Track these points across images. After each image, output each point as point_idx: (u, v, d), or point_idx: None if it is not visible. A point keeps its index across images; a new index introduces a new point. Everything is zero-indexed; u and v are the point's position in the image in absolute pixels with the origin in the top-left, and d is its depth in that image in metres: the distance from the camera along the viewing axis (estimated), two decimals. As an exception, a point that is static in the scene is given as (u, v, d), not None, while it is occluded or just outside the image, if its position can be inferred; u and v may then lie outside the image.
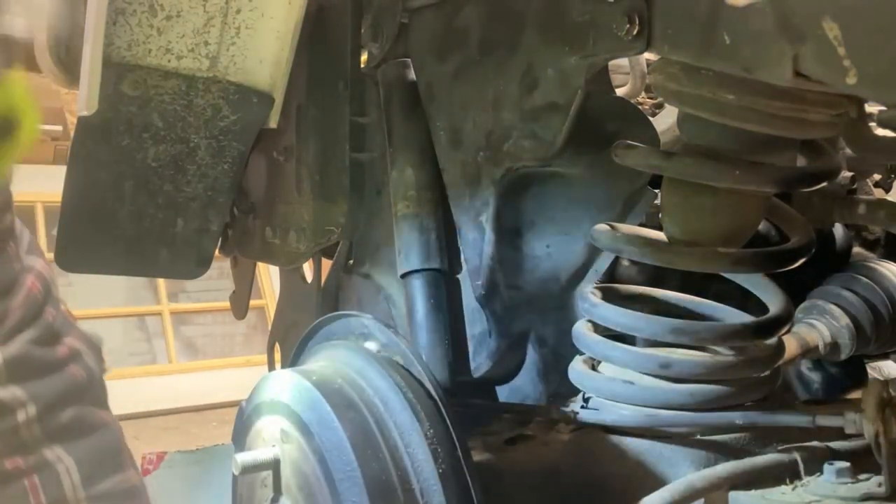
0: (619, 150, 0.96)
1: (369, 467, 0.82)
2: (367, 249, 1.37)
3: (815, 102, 0.81)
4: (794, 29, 0.70)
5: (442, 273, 1.20)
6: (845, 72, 0.66)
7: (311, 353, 0.99)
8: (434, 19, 1.17)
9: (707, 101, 0.84)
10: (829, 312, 1.16)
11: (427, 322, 1.18)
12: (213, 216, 1.39)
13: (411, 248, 1.20)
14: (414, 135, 1.22)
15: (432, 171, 1.21)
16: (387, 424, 0.85)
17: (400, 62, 1.25)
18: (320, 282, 1.48)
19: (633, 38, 0.87)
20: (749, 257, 0.97)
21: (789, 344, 1.09)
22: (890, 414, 0.80)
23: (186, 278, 1.44)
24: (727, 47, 0.76)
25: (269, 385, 0.94)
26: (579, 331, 1.02)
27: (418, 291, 1.19)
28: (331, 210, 1.33)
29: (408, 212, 1.21)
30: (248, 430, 0.95)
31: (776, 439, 0.94)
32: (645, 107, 1.48)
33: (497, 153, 1.09)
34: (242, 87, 1.27)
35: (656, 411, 0.96)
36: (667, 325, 0.96)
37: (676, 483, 0.86)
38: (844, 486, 0.83)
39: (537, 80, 1.02)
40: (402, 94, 1.24)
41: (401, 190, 1.22)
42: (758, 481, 0.89)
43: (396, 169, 1.23)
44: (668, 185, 0.97)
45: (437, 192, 1.21)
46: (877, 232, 1.37)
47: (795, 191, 1.20)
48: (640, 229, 1.04)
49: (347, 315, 0.98)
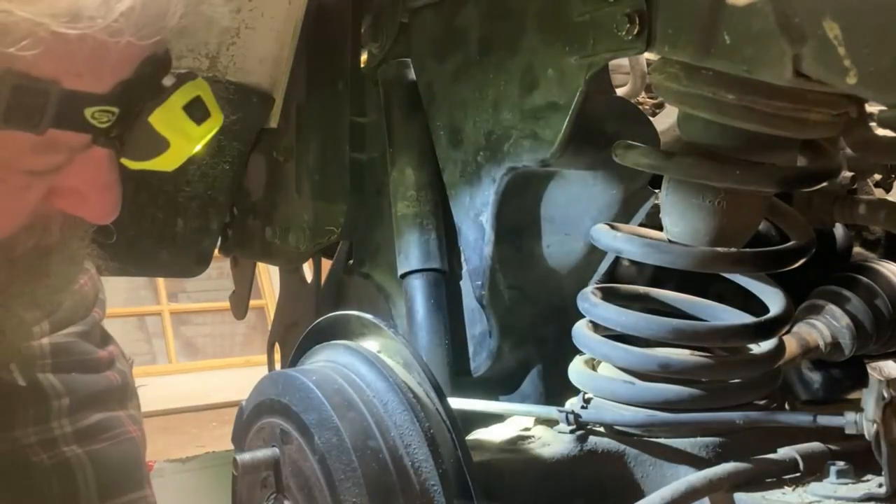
0: (619, 150, 0.96)
1: (369, 467, 0.82)
2: (367, 249, 1.37)
3: (816, 102, 0.81)
4: (795, 29, 0.70)
5: (442, 273, 1.20)
6: (845, 72, 0.66)
7: (311, 353, 0.99)
8: (434, 19, 1.17)
9: (707, 101, 0.84)
10: (830, 312, 1.16)
11: (427, 322, 1.18)
12: (213, 216, 1.39)
13: (411, 248, 1.20)
14: (414, 135, 1.22)
15: (432, 171, 1.21)
16: (387, 424, 0.84)
17: (400, 62, 1.25)
18: (320, 282, 1.48)
19: (633, 38, 0.87)
20: (749, 257, 0.97)
21: (790, 344, 1.08)
22: (890, 414, 0.80)
23: (185, 276, 1.44)
24: (727, 47, 0.76)
25: (269, 385, 0.94)
26: (579, 331, 1.02)
27: (418, 291, 1.19)
28: (331, 210, 1.33)
29: (408, 212, 1.21)
30: (248, 430, 0.95)
31: (776, 439, 0.94)
32: (645, 107, 1.47)
33: (497, 153, 1.09)
34: (242, 87, 1.27)
35: (656, 411, 0.96)
36: (667, 325, 0.96)
37: (676, 483, 0.85)
38: (845, 487, 0.83)
39: (537, 80, 1.02)
40: (402, 94, 1.24)
41: (401, 190, 1.22)
42: (758, 481, 0.89)
43: (396, 169, 1.23)
44: (668, 185, 0.97)
45: (437, 192, 1.21)
46: (877, 232, 1.37)
47: (795, 191, 1.20)
48: (640, 229, 1.04)
49: (347, 315, 0.98)
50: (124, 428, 1.19)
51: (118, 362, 1.22)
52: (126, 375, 1.23)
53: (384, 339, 0.93)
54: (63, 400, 1.12)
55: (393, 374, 0.88)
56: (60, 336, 1.13)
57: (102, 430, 1.17)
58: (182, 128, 0.82)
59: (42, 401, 1.12)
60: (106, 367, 1.19)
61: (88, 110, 0.76)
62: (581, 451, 0.95)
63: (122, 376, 1.23)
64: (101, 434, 1.17)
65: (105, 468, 1.14)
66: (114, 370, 1.21)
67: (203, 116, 0.83)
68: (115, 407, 1.19)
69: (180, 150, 0.84)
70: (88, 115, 0.76)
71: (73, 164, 0.82)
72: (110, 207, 0.85)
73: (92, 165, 0.82)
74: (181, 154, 0.85)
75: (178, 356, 5.50)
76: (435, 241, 1.20)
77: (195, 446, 3.67)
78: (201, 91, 0.83)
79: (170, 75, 0.81)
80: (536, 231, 1.14)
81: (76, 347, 1.15)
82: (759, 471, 0.89)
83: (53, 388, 1.13)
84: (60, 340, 1.13)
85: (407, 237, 1.20)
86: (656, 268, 1.05)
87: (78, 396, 1.14)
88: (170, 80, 0.81)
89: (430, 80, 1.18)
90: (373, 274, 1.36)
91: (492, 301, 1.15)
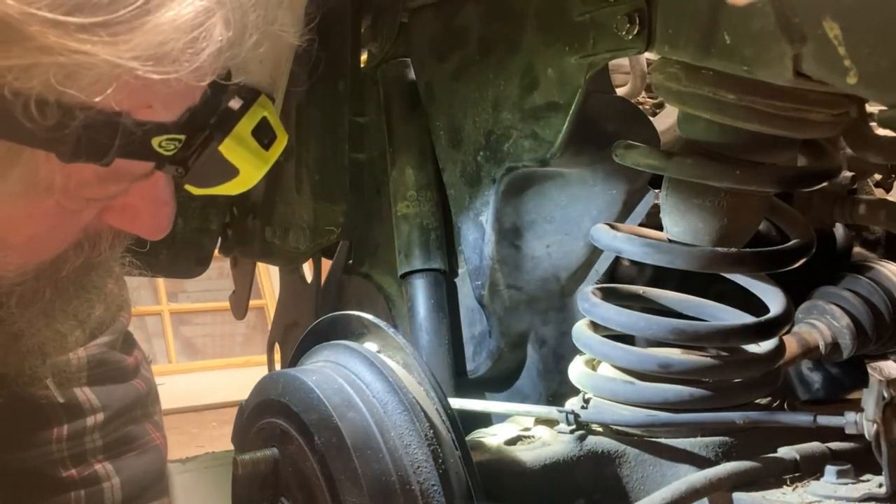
0: (619, 150, 0.96)
1: (369, 467, 0.82)
2: (367, 249, 1.37)
3: (816, 102, 0.81)
4: (795, 29, 0.70)
5: (442, 273, 1.20)
6: (845, 72, 0.66)
7: (311, 353, 0.99)
8: (434, 19, 1.17)
9: (707, 101, 0.84)
10: (830, 312, 1.16)
11: (427, 322, 1.18)
12: (212, 216, 1.39)
13: (411, 248, 1.20)
14: (414, 135, 1.22)
15: (432, 171, 1.21)
16: (387, 425, 0.84)
17: (400, 62, 1.25)
18: (320, 282, 1.48)
19: (633, 38, 0.87)
20: (749, 257, 0.97)
21: (790, 344, 1.09)
22: (890, 414, 0.80)
23: (185, 277, 1.44)
24: (727, 47, 0.76)
25: (269, 385, 0.94)
26: (579, 331, 1.02)
27: (418, 291, 1.19)
28: (331, 210, 1.33)
29: (408, 212, 1.21)
30: (248, 430, 0.95)
31: (776, 439, 0.94)
32: (645, 107, 1.47)
33: (497, 153, 1.09)
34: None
35: (656, 411, 0.96)
36: (667, 325, 0.96)
37: (676, 483, 0.85)
38: (845, 487, 0.83)
39: (537, 80, 1.02)
40: (402, 94, 1.24)
41: (401, 190, 1.22)
42: (758, 481, 0.89)
43: (396, 169, 1.23)
44: (668, 185, 0.97)
45: (437, 192, 1.21)
46: (877, 232, 1.37)
47: (796, 191, 1.20)
48: (640, 229, 1.04)
49: (347, 315, 0.98)
50: (149, 436, 1.20)
51: (142, 368, 1.23)
52: (150, 382, 1.24)
53: (384, 339, 0.93)
54: (98, 415, 1.13)
55: (393, 374, 0.88)
56: (95, 347, 1.13)
57: (129, 441, 1.17)
58: (252, 155, 0.80)
59: (78, 416, 1.13)
60: (133, 376, 1.20)
61: (156, 139, 0.73)
62: (581, 451, 0.95)
63: (147, 383, 1.23)
64: (128, 444, 1.17)
65: (131, 479, 1.15)
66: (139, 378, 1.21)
67: (270, 139, 0.81)
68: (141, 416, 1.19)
69: (250, 177, 0.81)
70: (155, 145, 0.73)
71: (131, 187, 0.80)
72: (164, 224, 0.83)
73: (150, 185, 0.80)
74: (250, 181, 0.82)
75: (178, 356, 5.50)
76: (435, 241, 1.20)
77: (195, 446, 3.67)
78: (266, 111, 0.80)
79: (236, 97, 0.78)
80: (536, 231, 1.14)
81: (109, 358, 1.16)
82: (759, 471, 0.89)
83: (90, 402, 1.13)
84: (95, 352, 1.14)
85: (407, 237, 1.20)
86: (656, 268, 1.05)
87: (111, 411, 1.15)
88: (236, 102, 0.78)
89: (429, 79, 1.18)
90: (372, 274, 1.36)
91: (492, 301, 1.15)
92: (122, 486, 1.14)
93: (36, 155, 0.70)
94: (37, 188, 0.73)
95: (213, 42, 0.68)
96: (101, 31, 0.63)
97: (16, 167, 0.70)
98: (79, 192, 0.76)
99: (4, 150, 0.68)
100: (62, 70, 0.63)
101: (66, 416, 1.10)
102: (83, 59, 0.63)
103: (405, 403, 0.86)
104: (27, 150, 0.69)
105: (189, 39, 0.67)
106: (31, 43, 0.62)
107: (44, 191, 0.73)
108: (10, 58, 0.62)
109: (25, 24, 0.61)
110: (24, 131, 0.66)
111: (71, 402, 1.09)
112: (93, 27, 0.63)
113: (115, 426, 1.15)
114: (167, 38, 0.66)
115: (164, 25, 0.65)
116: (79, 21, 0.62)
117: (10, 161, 0.69)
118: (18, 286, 0.80)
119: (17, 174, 0.71)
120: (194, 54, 0.67)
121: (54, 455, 1.09)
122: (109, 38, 0.63)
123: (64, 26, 0.62)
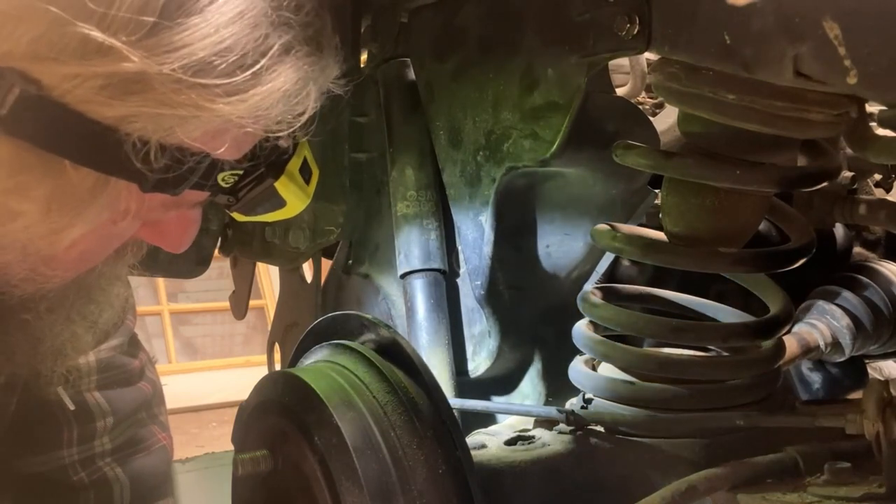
0: (619, 150, 0.96)
1: (369, 467, 0.82)
2: (367, 249, 1.37)
3: (816, 102, 0.81)
4: (795, 29, 0.69)
5: (442, 273, 1.20)
6: (846, 72, 0.66)
7: (311, 353, 0.99)
8: (434, 19, 1.17)
9: (707, 101, 0.84)
10: (830, 312, 1.16)
11: (427, 322, 1.18)
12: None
13: (411, 248, 1.20)
14: (414, 135, 1.22)
15: (432, 171, 1.21)
16: (386, 424, 0.84)
17: (400, 62, 1.25)
18: (320, 282, 1.48)
19: (633, 38, 0.87)
20: (749, 257, 0.97)
21: (790, 344, 1.09)
22: (890, 414, 0.80)
23: (186, 277, 1.45)
24: (727, 47, 0.76)
25: (269, 385, 0.94)
26: (579, 331, 1.02)
27: (418, 291, 1.19)
28: (331, 210, 1.33)
29: (408, 212, 1.21)
30: (248, 430, 0.95)
31: (776, 439, 0.94)
32: (645, 107, 1.47)
33: (497, 153, 1.09)
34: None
35: (656, 411, 0.96)
36: (667, 325, 0.96)
37: (676, 483, 0.85)
38: (845, 487, 0.83)
39: (537, 80, 1.02)
40: (402, 94, 1.24)
41: (401, 190, 1.22)
42: (758, 481, 0.89)
43: (396, 169, 1.23)
44: (668, 185, 0.97)
45: (437, 192, 1.21)
46: (877, 232, 1.37)
47: (796, 191, 1.20)
48: (640, 229, 1.04)
49: (347, 315, 0.98)
50: (155, 437, 1.22)
51: (147, 370, 1.25)
52: (155, 383, 1.26)
53: (384, 339, 0.93)
54: (108, 419, 1.15)
55: (393, 373, 0.88)
56: (104, 351, 1.16)
57: (137, 443, 1.19)
58: (299, 189, 0.89)
59: (89, 421, 1.15)
60: (139, 378, 1.22)
61: (221, 174, 0.81)
62: (581, 451, 0.95)
63: (152, 385, 1.25)
64: (136, 446, 1.20)
65: (139, 480, 1.17)
66: (144, 380, 1.23)
67: (309, 175, 0.90)
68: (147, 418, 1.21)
69: (294, 208, 0.90)
70: (220, 178, 0.81)
71: None
72: (189, 241, 0.90)
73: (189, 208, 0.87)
74: (294, 211, 0.91)
75: (178, 356, 5.50)
76: (435, 241, 1.20)
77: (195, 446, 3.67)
78: (306, 151, 0.90)
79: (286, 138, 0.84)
80: (536, 231, 1.14)
81: (117, 361, 1.18)
82: (759, 471, 0.89)
83: (99, 407, 1.16)
84: (104, 356, 1.16)
85: (407, 237, 1.20)
86: (656, 268, 1.06)
87: (120, 414, 1.17)
88: (285, 141, 0.85)
89: (429, 79, 1.18)
90: (372, 273, 1.36)
91: (491, 301, 1.15)
92: (130, 487, 1.16)
93: (119, 184, 0.76)
94: (115, 215, 0.79)
95: (309, 109, 0.79)
96: (220, 91, 0.72)
97: (102, 196, 0.76)
98: (141, 215, 0.82)
99: (94, 179, 0.74)
100: (179, 120, 0.72)
101: (77, 421, 1.12)
102: (200, 113, 0.72)
103: (405, 403, 0.86)
104: (113, 180, 0.75)
105: (292, 104, 0.77)
106: (161, 96, 0.70)
107: (120, 216, 0.79)
108: (141, 106, 0.71)
109: (159, 80, 0.70)
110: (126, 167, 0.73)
111: (81, 406, 1.12)
112: (214, 87, 0.72)
113: (122, 429, 1.17)
114: (275, 103, 0.75)
115: (275, 93, 0.75)
116: (203, 82, 0.71)
117: (99, 190, 0.76)
118: (50, 292, 0.84)
119: (103, 202, 0.76)
120: (290, 124, 0.78)
121: (65, 459, 1.11)
122: (227, 97, 0.72)
123: (190, 85, 0.71)
